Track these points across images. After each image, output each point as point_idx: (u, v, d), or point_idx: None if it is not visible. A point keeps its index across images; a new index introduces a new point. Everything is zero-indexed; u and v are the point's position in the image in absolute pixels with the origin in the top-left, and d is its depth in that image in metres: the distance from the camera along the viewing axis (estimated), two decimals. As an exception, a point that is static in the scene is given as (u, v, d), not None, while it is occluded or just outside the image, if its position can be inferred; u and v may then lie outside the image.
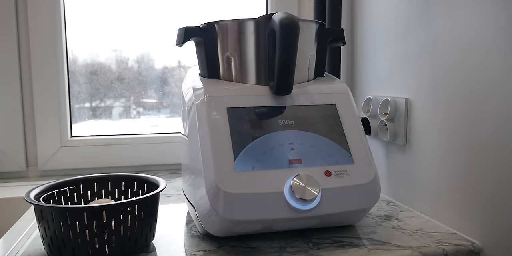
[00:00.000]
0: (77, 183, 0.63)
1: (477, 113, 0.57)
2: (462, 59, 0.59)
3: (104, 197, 0.64)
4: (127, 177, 0.65)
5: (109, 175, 0.65)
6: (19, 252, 0.56)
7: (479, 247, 0.57)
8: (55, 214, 0.50)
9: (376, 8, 0.80)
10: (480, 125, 0.56)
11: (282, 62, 0.56)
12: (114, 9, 1.05)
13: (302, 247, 0.56)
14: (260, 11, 1.09)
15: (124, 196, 0.65)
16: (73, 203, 0.62)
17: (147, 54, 1.09)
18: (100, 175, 0.65)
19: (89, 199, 0.64)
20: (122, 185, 0.65)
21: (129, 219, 0.53)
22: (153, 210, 0.56)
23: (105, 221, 0.51)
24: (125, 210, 0.52)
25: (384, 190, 0.79)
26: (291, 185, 0.53)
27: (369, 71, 0.84)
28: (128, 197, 0.65)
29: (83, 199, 0.63)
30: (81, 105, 1.07)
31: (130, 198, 0.63)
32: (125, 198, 0.64)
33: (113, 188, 0.65)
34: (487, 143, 0.55)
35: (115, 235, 0.52)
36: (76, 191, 0.63)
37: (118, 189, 0.65)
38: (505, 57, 0.52)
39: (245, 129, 0.57)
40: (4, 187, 0.89)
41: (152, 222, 0.57)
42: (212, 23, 0.62)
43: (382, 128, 0.77)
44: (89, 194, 0.64)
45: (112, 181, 0.65)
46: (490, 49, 0.54)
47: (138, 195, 0.63)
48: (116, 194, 0.65)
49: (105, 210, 0.51)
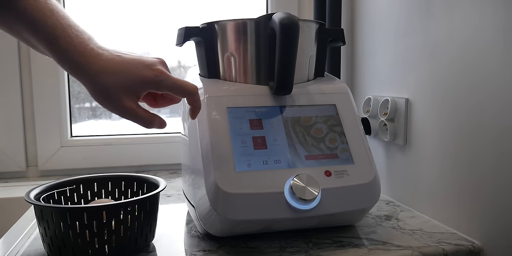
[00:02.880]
0: (77, 183, 0.63)
1: (477, 113, 0.57)
2: (462, 59, 0.59)
3: (104, 197, 0.64)
4: (127, 177, 0.65)
5: (109, 175, 0.65)
6: (19, 252, 0.56)
7: (479, 247, 0.57)
8: (55, 214, 0.50)
9: (376, 8, 0.80)
10: (480, 125, 0.56)
11: (282, 62, 0.56)
12: (114, 9, 1.05)
13: (302, 247, 0.56)
14: (260, 11, 1.09)
15: (124, 196, 0.65)
16: (73, 203, 0.62)
17: (147, 54, 1.09)
18: (100, 175, 0.65)
19: (89, 199, 0.64)
20: (122, 185, 0.65)
21: (129, 219, 0.53)
22: (153, 210, 0.56)
23: (105, 221, 0.51)
24: (125, 210, 0.52)
25: (384, 190, 0.79)
26: (291, 185, 0.53)
27: (369, 71, 0.84)
28: (128, 197, 0.65)
29: (83, 199, 0.63)
30: (81, 105, 1.07)
31: (130, 198, 0.63)
32: (125, 198, 0.64)
33: (113, 188, 0.65)
34: (487, 143, 0.55)
35: (115, 235, 0.52)
36: (76, 191, 0.63)
37: (118, 189, 0.65)
38: (505, 57, 0.52)
39: (245, 129, 0.57)
40: (4, 187, 0.89)
41: (152, 222, 0.57)
42: (212, 23, 0.62)
43: (382, 128, 0.77)
44: (89, 194, 0.64)
45: (112, 181, 0.65)
46: (490, 49, 0.54)
47: (138, 195, 0.63)
48: (116, 194, 0.65)
49: (105, 210, 0.51)
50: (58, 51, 0.46)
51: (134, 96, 0.48)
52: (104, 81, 0.47)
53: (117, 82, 0.47)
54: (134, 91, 0.48)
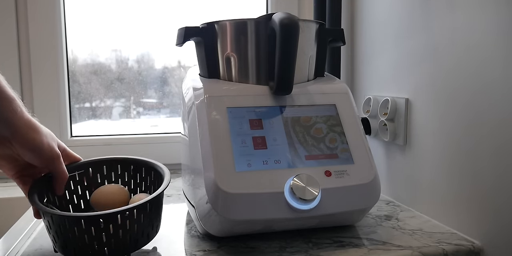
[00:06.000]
0: (86, 167, 0.62)
1: (477, 113, 0.57)
2: (462, 59, 0.59)
3: (114, 180, 0.64)
4: (135, 162, 0.64)
5: (118, 158, 0.64)
6: (19, 252, 0.56)
7: (479, 247, 0.57)
8: (54, 218, 0.50)
9: (376, 8, 0.80)
10: (480, 125, 0.56)
11: (282, 62, 0.56)
12: (114, 9, 1.05)
13: (302, 247, 0.56)
14: (260, 11, 1.09)
15: (133, 179, 0.64)
16: (83, 188, 0.62)
17: (147, 54, 1.09)
18: (109, 158, 0.64)
19: (99, 182, 0.63)
20: (131, 169, 0.64)
21: (128, 224, 0.52)
22: (155, 212, 0.56)
23: (103, 227, 0.51)
24: (123, 216, 0.51)
25: (384, 190, 0.79)
26: (291, 185, 0.53)
27: (369, 71, 0.84)
28: (137, 181, 0.64)
29: (93, 183, 0.63)
30: (81, 105, 1.07)
31: (138, 182, 0.63)
32: (134, 182, 0.64)
33: (123, 171, 0.64)
34: (487, 143, 0.55)
35: (113, 239, 0.51)
36: (86, 175, 0.62)
37: (127, 172, 0.64)
38: (505, 58, 0.52)
39: (245, 129, 0.57)
40: (4, 187, 0.89)
41: (154, 223, 0.56)
42: (212, 23, 0.62)
43: (382, 128, 0.77)
44: (99, 177, 0.63)
45: (121, 164, 0.64)
46: (490, 50, 0.54)
47: (146, 181, 0.63)
48: (126, 177, 0.64)
49: (101, 218, 0.50)
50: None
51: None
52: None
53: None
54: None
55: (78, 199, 0.62)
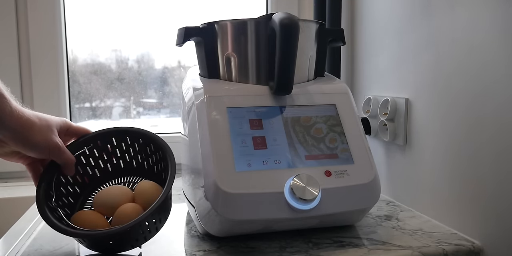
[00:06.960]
0: (94, 141, 0.61)
1: (477, 113, 0.57)
2: (463, 59, 0.59)
3: (125, 149, 0.62)
4: (144, 136, 0.62)
5: (125, 128, 0.62)
6: (19, 252, 0.56)
7: (479, 247, 0.57)
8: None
9: (376, 8, 0.80)
10: (480, 125, 0.56)
11: (282, 62, 0.56)
12: (114, 9, 1.05)
13: (302, 247, 0.56)
14: (260, 11, 1.09)
15: (144, 153, 0.62)
16: (95, 159, 0.62)
17: (147, 54, 1.09)
18: (116, 128, 0.62)
19: (110, 151, 0.62)
20: (140, 141, 0.62)
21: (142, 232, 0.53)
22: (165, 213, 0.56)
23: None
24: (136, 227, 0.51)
25: (384, 190, 0.79)
26: (291, 185, 0.53)
27: (369, 71, 0.84)
28: (148, 153, 0.62)
29: (105, 153, 0.62)
30: (81, 105, 1.07)
31: (147, 158, 0.62)
32: (140, 157, 0.63)
33: (132, 142, 0.62)
34: (487, 143, 0.55)
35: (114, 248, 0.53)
36: (95, 147, 0.62)
37: (137, 143, 0.62)
38: (506, 57, 0.52)
39: (245, 129, 0.57)
40: (4, 187, 0.89)
41: (157, 225, 0.55)
42: (212, 23, 0.62)
43: (382, 128, 0.77)
44: (109, 147, 0.62)
45: (130, 135, 0.62)
46: (491, 49, 0.54)
47: (153, 156, 0.61)
48: (137, 147, 0.62)
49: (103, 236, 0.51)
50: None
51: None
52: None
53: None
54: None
55: (92, 170, 0.62)
